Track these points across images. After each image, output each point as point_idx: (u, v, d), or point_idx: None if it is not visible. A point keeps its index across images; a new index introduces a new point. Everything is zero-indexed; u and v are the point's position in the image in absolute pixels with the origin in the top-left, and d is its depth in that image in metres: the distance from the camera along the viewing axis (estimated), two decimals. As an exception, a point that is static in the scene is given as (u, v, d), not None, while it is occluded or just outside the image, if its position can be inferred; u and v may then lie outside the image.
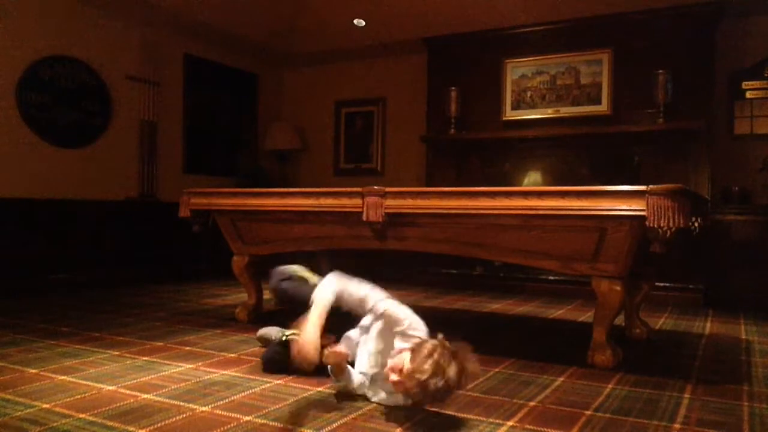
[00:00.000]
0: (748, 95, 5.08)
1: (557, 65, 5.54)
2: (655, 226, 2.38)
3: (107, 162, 5.31)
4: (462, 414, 2.01)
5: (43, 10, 4.84)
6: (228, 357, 2.77)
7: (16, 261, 4.62)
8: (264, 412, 2.00)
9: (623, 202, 2.47)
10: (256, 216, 3.54)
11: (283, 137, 6.88)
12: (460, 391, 2.10)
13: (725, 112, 5.13)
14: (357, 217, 3.03)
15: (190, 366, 2.57)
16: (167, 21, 5.81)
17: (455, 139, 5.83)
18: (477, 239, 2.94)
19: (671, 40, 5.09)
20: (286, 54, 7.14)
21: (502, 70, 5.75)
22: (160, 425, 1.86)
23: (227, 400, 2.12)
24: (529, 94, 5.66)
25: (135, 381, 2.33)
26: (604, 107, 5.32)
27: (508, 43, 5.76)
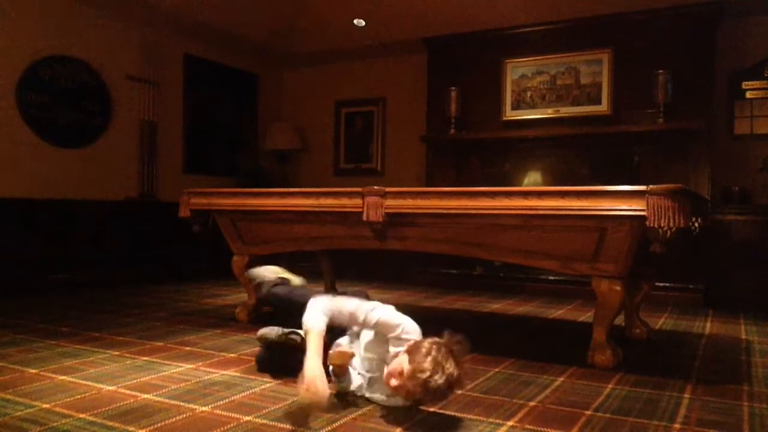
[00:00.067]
0: (748, 95, 5.08)
1: (557, 65, 5.54)
2: (655, 226, 2.39)
3: (107, 162, 5.31)
4: (462, 414, 2.01)
5: (43, 10, 4.84)
6: (228, 357, 2.77)
7: (16, 261, 4.62)
8: (264, 412, 2.00)
9: (623, 202, 2.47)
10: (256, 216, 3.54)
11: (283, 137, 6.88)
12: (459, 391, 2.10)
13: (725, 112, 5.13)
14: (357, 217, 3.03)
15: (190, 366, 2.58)
16: (167, 21, 5.81)
17: (455, 139, 5.83)
18: (477, 239, 2.94)
19: (671, 40, 5.09)
20: (286, 54, 7.14)
21: (502, 70, 5.75)
22: (160, 425, 1.86)
23: (227, 400, 2.12)
24: (529, 94, 5.66)
25: (135, 381, 2.33)
26: (604, 107, 5.32)
27: (508, 43, 5.76)
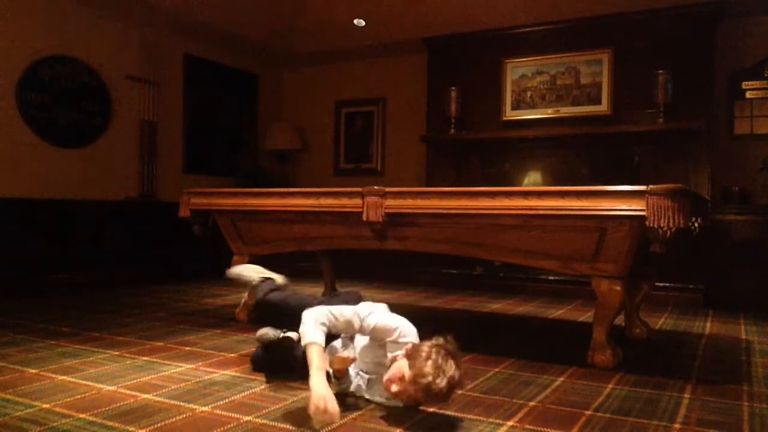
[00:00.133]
0: (748, 95, 5.08)
1: (557, 65, 5.54)
2: (655, 226, 2.39)
3: (107, 162, 5.31)
4: (462, 414, 2.01)
5: (43, 10, 4.84)
6: (228, 357, 2.77)
7: (16, 261, 4.62)
8: (264, 412, 2.00)
9: (623, 202, 2.47)
10: (256, 216, 3.54)
11: (283, 137, 6.88)
12: (460, 391, 2.10)
13: (725, 112, 5.13)
14: (357, 217, 3.03)
15: (190, 366, 2.57)
16: (167, 21, 5.81)
17: (455, 139, 5.83)
18: (477, 239, 2.94)
19: (671, 40, 5.09)
20: (286, 54, 7.14)
21: (502, 70, 5.75)
22: (160, 425, 1.86)
23: (227, 400, 2.12)
24: (529, 94, 5.66)
25: (135, 381, 2.33)
26: (604, 107, 5.32)
27: (508, 43, 5.76)
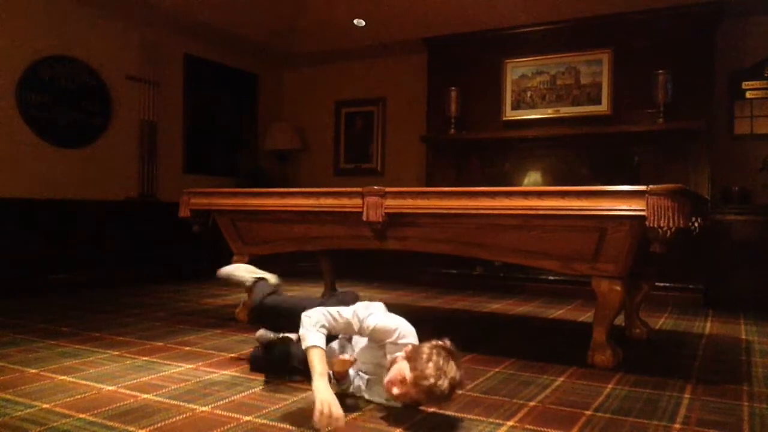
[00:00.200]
0: (748, 95, 5.08)
1: (557, 65, 5.53)
2: (655, 226, 2.39)
3: (107, 162, 5.31)
4: (462, 414, 2.01)
5: (43, 10, 4.84)
6: (228, 357, 2.77)
7: (16, 261, 4.62)
8: (264, 412, 2.00)
9: (623, 202, 2.47)
10: (256, 216, 3.54)
11: (283, 137, 6.88)
12: (460, 391, 2.10)
13: (725, 112, 5.13)
14: (357, 217, 3.03)
15: (190, 366, 2.58)
16: (167, 21, 5.81)
17: (455, 139, 5.83)
18: (477, 239, 2.94)
19: (671, 40, 5.09)
20: (286, 54, 7.14)
21: (502, 70, 5.75)
22: (160, 425, 1.86)
23: (227, 400, 2.12)
24: (529, 94, 5.66)
25: (135, 381, 2.33)
26: (604, 107, 5.32)
27: (508, 43, 5.76)
